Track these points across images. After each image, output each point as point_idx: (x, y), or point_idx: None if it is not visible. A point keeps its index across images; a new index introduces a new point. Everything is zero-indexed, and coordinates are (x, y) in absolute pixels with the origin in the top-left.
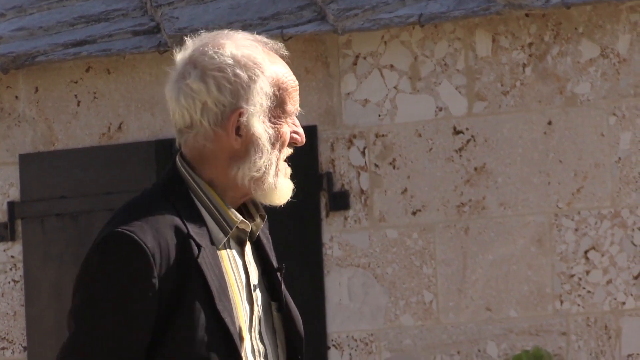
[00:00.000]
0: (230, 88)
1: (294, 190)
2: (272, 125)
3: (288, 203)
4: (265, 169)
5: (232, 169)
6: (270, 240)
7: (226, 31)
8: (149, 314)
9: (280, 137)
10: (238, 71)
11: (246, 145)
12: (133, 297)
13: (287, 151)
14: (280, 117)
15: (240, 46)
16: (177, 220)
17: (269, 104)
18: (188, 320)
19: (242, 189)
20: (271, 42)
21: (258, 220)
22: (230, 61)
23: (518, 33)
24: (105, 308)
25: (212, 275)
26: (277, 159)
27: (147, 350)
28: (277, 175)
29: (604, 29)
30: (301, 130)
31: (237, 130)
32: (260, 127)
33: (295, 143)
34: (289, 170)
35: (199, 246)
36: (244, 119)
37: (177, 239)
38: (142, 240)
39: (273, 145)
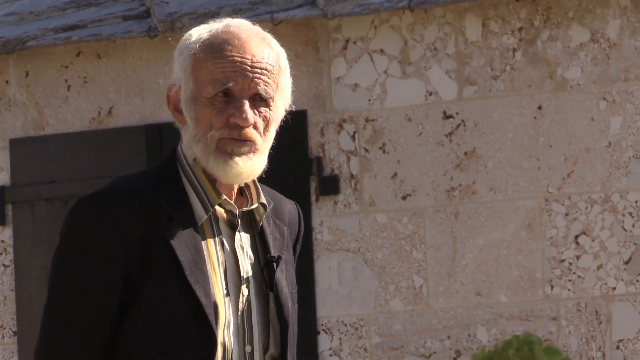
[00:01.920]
0: (175, 68)
1: (283, 175)
2: (195, 103)
3: (278, 187)
4: (195, 148)
5: (187, 147)
6: (286, 236)
7: (223, 19)
8: (116, 278)
9: (201, 118)
10: (177, 52)
11: (183, 122)
12: (100, 260)
13: (217, 133)
14: (202, 95)
15: (199, 28)
16: (152, 192)
17: (191, 80)
18: (156, 288)
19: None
20: (242, 24)
21: (261, 209)
22: (182, 43)
23: (508, 17)
24: (73, 273)
25: (184, 247)
26: (207, 141)
27: (119, 313)
28: (210, 155)
29: (594, 14)
30: (243, 112)
31: (175, 107)
32: (188, 105)
33: (235, 126)
34: (239, 151)
35: (171, 218)
36: (172, 93)
37: (147, 210)
38: (110, 206)
39: (198, 122)
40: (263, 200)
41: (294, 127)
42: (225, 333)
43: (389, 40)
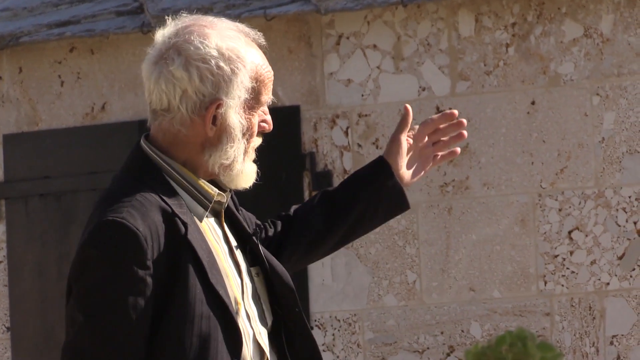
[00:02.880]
0: (212, 80)
1: (277, 170)
2: (246, 117)
3: (272, 183)
4: (235, 157)
5: (204, 155)
6: (237, 205)
7: (210, 18)
8: (148, 295)
9: (251, 127)
10: (221, 64)
11: (219, 134)
12: (132, 282)
13: (257, 140)
14: (253, 108)
15: (225, 37)
16: (160, 201)
17: (246, 96)
18: (185, 296)
19: (210, 173)
20: (252, 32)
21: (227, 192)
22: (215, 53)
23: (501, 13)
24: (109, 296)
25: (201, 250)
26: (246, 148)
27: (150, 328)
28: (244, 162)
29: (587, 9)
30: (269, 119)
31: (214, 119)
32: (236, 118)
33: (264, 131)
34: (253, 155)
35: (185, 224)
36: (221, 110)
37: (164, 219)
38: (133, 225)
39: (244, 135)
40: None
41: (287, 122)
42: (242, 322)
43: (382, 36)
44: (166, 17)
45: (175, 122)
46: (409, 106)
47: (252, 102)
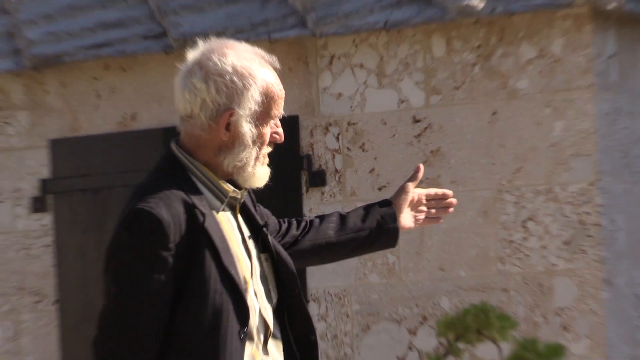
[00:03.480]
0: (227, 92)
1: (278, 170)
2: (256, 127)
3: (275, 180)
4: (247, 160)
5: (221, 157)
6: (255, 202)
7: (232, 41)
8: (170, 272)
9: (262, 136)
10: (235, 79)
11: (233, 139)
12: (156, 261)
13: (267, 148)
14: (264, 120)
15: (241, 57)
16: (183, 195)
17: (256, 108)
18: (201, 274)
19: (227, 173)
20: (267, 56)
21: (243, 190)
22: (230, 69)
23: (468, 37)
24: (138, 271)
25: (216, 236)
26: (257, 154)
27: (173, 299)
28: (255, 166)
29: (541, 33)
30: (281, 131)
31: (227, 126)
32: (247, 127)
33: (275, 141)
34: (267, 160)
35: (203, 214)
36: (233, 118)
37: (185, 210)
38: (159, 213)
39: (254, 142)
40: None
41: (288, 130)
42: (251, 298)
43: (367, 56)
44: (186, 40)
45: (197, 127)
46: (422, 166)
47: (262, 114)
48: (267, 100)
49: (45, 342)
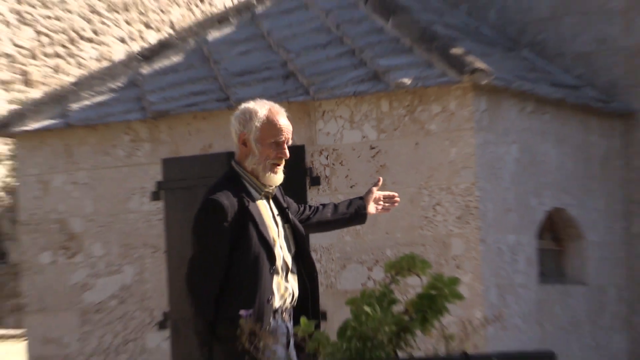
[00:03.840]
0: (242, 122)
1: (292, 175)
2: (261, 144)
3: (290, 182)
4: (256, 166)
5: (247, 162)
6: (283, 194)
7: (263, 100)
8: (227, 235)
9: (265, 151)
10: (246, 114)
11: (248, 151)
12: (219, 230)
13: (277, 161)
14: (266, 140)
15: (256, 105)
16: (236, 190)
17: (257, 133)
18: (247, 236)
19: (255, 175)
20: (277, 106)
21: (272, 187)
22: (245, 110)
23: (402, 100)
24: (208, 236)
25: (256, 214)
26: (264, 165)
27: (230, 255)
28: (266, 173)
29: (443, 98)
30: (285, 152)
31: (244, 142)
32: (253, 144)
33: (282, 157)
34: (280, 169)
35: (247, 201)
36: (245, 137)
37: (237, 199)
38: (221, 201)
39: (261, 153)
40: (278, 183)
41: (298, 153)
42: (277, 250)
43: (344, 111)
44: (241, 102)
45: (236, 147)
46: (381, 178)
47: (264, 136)
48: (266, 127)
49: (159, 277)
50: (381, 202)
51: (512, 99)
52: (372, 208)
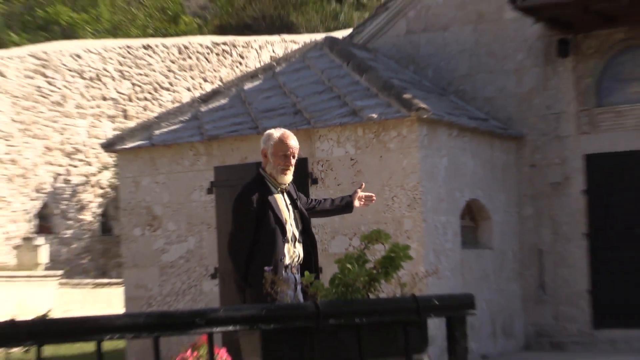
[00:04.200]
0: (265, 142)
1: (300, 178)
2: (274, 156)
3: (298, 182)
4: (272, 171)
5: (268, 168)
6: (296, 190)
7: (280, 128)
8: (254, 216)
9: (277, 161)
10: (267, 137)
11: (267, 162)
12: (248, 213)
13: (286, 168)
14: (277, 153)
15: (274, 130)
16: (260, 187)
17: (272, 149)
18: (267, 218)
19: (275, 177)
20: (288, 131)
21: (285, 185)
22: (267, 134)
23: (371, 128)
24: (240, 218)
25: (273, 203)
26: (277, 170)
27: (256, 230)
28: (279, 175)
29: (397, 127)
30: (290, 162)
31: (265, 155)
32: (270, 157)
33: (289, 165)
34: (288, 172)
35: (267, 194)
36: (265, 151)
37: (259, 193)
38: (249, 194)
39: (275, 163)
40: (288, 182)
41: (303, 163)
42: (288, 227)
43: (333, 135)
44: (266, 129)
45: (262, 158)
46: (364, 183)
47: (276, 151)
48: (278, 145)
49: (212, 244)
50: (363, 200)
51: (443, 127)
52: (357, 203)
